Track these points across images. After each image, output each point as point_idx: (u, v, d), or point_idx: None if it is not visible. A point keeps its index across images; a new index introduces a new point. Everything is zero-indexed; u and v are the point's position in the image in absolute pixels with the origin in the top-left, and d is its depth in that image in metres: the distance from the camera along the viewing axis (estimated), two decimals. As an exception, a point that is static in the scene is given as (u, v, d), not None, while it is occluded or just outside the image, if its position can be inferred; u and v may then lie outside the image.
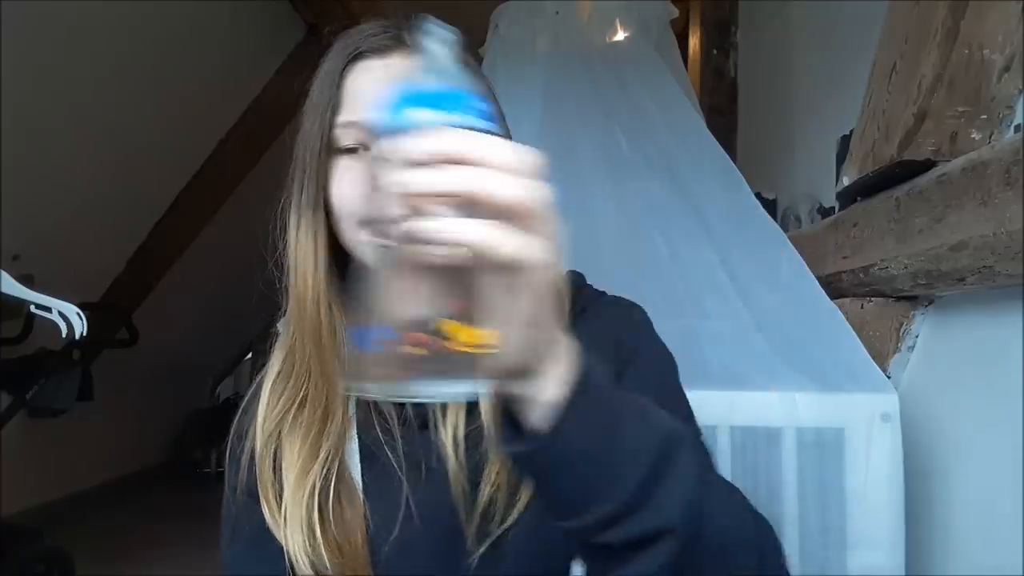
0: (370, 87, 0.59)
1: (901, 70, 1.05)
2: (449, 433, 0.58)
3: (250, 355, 6.94)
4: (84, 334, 2.09)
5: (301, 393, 0.61)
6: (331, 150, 0.59)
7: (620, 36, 1.86)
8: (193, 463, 5.40)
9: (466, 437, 0.59)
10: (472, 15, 0.65)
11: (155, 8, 2.73)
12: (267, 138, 3.83)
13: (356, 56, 0.60)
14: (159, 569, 3.32)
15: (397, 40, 0.60)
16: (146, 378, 4.68)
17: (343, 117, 0.59)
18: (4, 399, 3.20)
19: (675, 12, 1.93)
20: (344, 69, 0.59)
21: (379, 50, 0.60)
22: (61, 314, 2.09)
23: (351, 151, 0.59)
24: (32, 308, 2.10)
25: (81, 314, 2.11)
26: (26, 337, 2.99)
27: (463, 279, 0.35)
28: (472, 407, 0.59)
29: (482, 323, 0.35)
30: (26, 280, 2.15)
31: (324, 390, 0.60)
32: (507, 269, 0.34)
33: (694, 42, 2.69)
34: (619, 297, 0.69)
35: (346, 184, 0.59)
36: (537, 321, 0.36)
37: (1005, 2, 0.92)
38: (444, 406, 0.60)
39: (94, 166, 3.13)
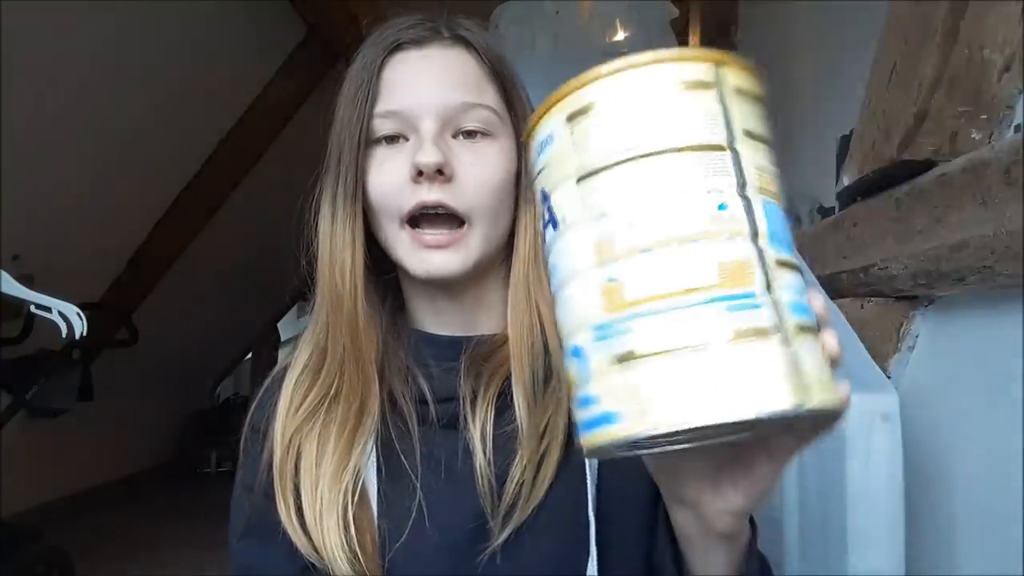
0: (409, 77, 0.59)
1: (901, 70, 1.05)
2: (478, 430, 0.58)
3: (250, 355, 6.95)
4: (84, 334, 2.09)
5: (332, 389, 0.60)
6: (369, 141, 0.59)
7: (620, 36, 1.87)
8: (193, 463, 5.40)
9: (494, 437, 0.59)
10: (472, 15, 0.64)
11: (155, 9, 2.73)
12: (267, 138, 3.84)
13: (395, 47, 0.60)
14: (159, 569, 3.32)
15: (435, 32, 0.61)
16: (146, 378, 4.68)
17: (381, 107, 0.59)
18: (4, 399, 3.20)
19: (675, 12, 1.93)
20: (383, 60, 0.60)
21: (418, 41, 0.60)
22: (61, 314, 2.09)
23: (391, 140, 0.59)
24: (32, 308, 2.10)
25: (81, 314, 2.11)
26: (26, 337, 2.99)
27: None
28: (501, 410, 0.59)
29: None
30: (26, 280, 2.15)
31: (359, 385, 0.60)
32: (819, 428, 0.41)
33: (694, 42, 2.69)
34: None
35: (385, 174, 0.59)
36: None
37: (1005, 2, 0.92)
38: (474, 404, 0.59)
39: (94, 166, 3.13)
